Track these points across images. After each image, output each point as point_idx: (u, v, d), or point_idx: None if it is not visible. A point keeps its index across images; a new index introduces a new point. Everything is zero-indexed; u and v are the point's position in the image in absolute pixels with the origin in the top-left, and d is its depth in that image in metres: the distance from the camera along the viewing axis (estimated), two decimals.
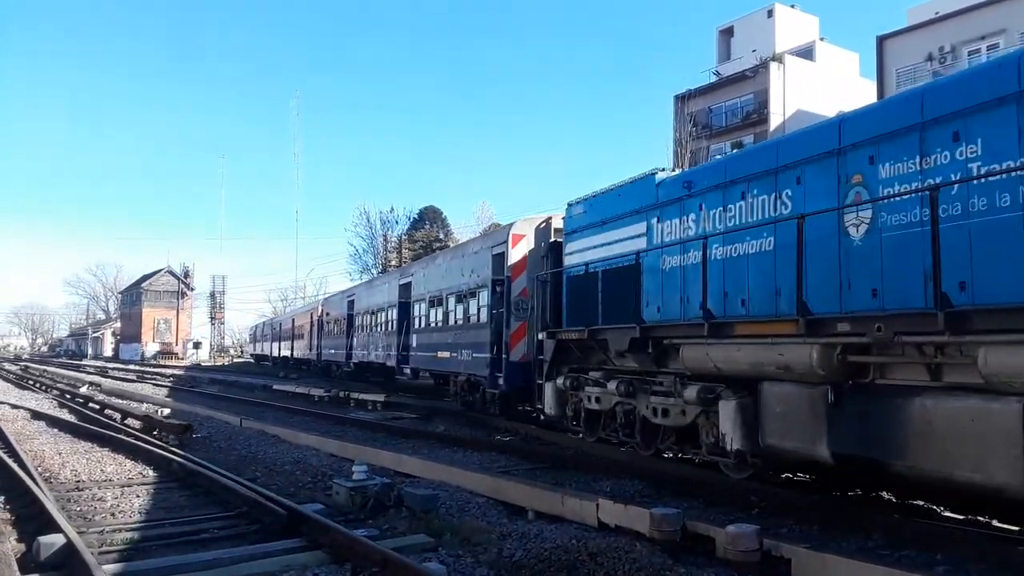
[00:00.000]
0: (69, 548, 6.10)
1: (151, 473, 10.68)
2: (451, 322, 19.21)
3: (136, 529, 7.45)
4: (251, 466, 11.48)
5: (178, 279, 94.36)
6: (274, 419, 18.56)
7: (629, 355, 10.65)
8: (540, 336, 13.55)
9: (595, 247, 12.01)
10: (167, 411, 19.90)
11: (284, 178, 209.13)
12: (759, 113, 42.54)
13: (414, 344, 22.43)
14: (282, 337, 51.43)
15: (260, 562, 6.15)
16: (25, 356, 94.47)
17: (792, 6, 48.64)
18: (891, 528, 6.91)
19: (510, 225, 16.08)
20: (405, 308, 23.65)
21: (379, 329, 27.30)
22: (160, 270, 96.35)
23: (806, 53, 45.76)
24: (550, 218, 15.42)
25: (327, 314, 37.57)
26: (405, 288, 23.98)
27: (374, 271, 60.09)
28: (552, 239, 14.74)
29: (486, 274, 16.75)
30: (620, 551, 6.10)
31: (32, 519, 7.57)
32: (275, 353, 53.71)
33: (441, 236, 61.48)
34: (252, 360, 67.30)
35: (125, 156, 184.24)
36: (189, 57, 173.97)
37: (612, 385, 11.09)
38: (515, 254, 15.46)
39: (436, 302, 20.63)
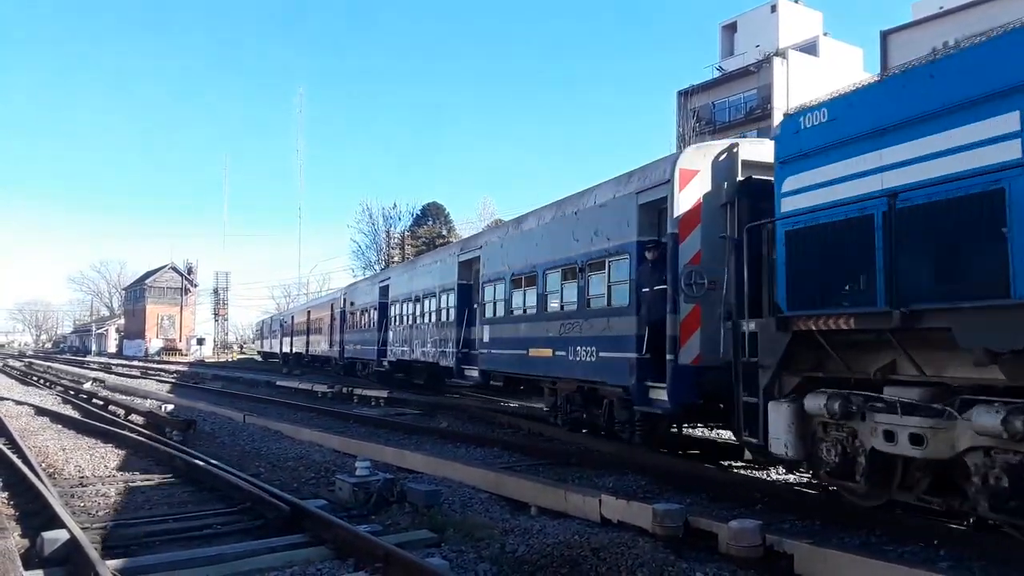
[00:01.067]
0: (73, 543, 6.11)
1: (155, 469, 10.69)
2: (554, 307, 13.68)
3: (139, 524, 7.46)
4: (254, 462, 11.50)
5: (182, 276, 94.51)
6: (277, 415, 18.62)
7: (1011, 358, 5.74)
8: (748, 326, 8.50)
9: (861, 175, 7.15)
10: (171, 407, 19.96)
11: (287, 175, 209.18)
12: (762, 109, 42.52)
13: (485, 338, 16.95)
14: (294, 332, 47.71)
15: (263, 557, 6.15)
16: (29, 352, 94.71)
17: (796, 1, 48.55)
18: (893, 524, 6.90)
19: (672, 158, 10.77)
20: (467, 292, 18.98)
21: (426, 320, 22.03)
22: (164, 267, 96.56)
23: (810, 48, 45.73)
24: (734, 146, 10.46)
25: (351, 304, 32.62)
26: (466, 267, 19.10)
27: (377, 267, 60.20)
28: (741, 176, 10.00)
29: (626, 234, 11.47)
30: (623, 546, 6.10)
31: (36, 514, 7.59)
32: (286, 349, 50.04)
33: (444, 232, 61.57)
34: (259, 358, 64.40)
35: (129, 153, 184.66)
36: (192, 53, 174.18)
37: (986, 416, 5.82)
38: (684, 200, 10.22)
39: (525, 282, 15.07)
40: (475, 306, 18.18)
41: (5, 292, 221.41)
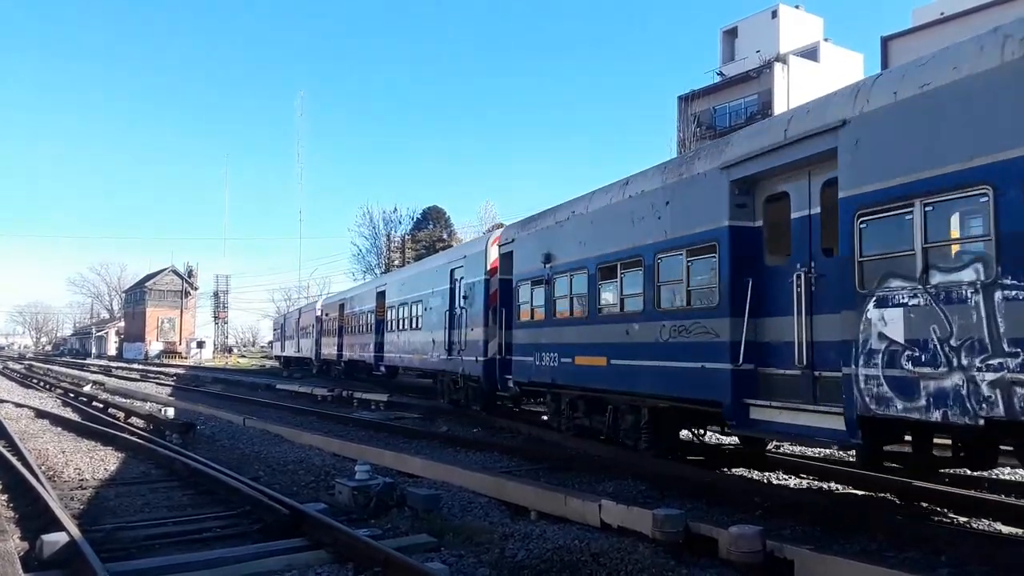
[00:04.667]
0: (72, 546, 6.11)
1: (154, 472, 10.69)
2: None
3: (139, 527, 7.46)
4: (254, 465, 11.49)
5: (182, 278, 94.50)
6: (277, 418, 18.59)
7: None
8: None
9: None
10: (170, 410, 19.90)
11: (287, 178, 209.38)
12: (763, 114, 42.46)
13: None
14: (344, 329, 32.80)
15: (263, 561, 6.15)
16: (29, 355, 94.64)
17: (796, 7, 48.64)
18: (894, 529, 6.89)
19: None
20: None
21: None
22: (164, 269, 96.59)
23: (810, 54, 45.79)
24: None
25: (523, 265, 14.91)
26: None
27: (377, 271, 60.10)
28: None
29: None
30: (623, 552, 6.10)
31: (35, 517, 7.60)
32: (328, 352, 35.65)
33: (444, 236, 61.58)
34: (279, 364, 50.51)
35: (129, 155, 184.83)
36: (193, 57, 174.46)
37: None
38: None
39: None
40: None
41: (5, 294, 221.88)
